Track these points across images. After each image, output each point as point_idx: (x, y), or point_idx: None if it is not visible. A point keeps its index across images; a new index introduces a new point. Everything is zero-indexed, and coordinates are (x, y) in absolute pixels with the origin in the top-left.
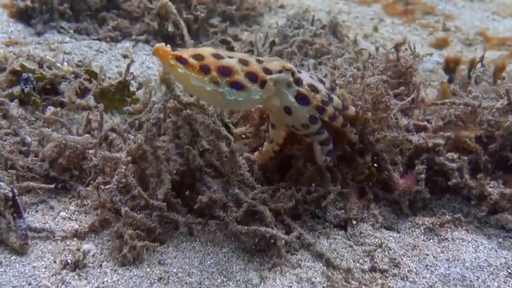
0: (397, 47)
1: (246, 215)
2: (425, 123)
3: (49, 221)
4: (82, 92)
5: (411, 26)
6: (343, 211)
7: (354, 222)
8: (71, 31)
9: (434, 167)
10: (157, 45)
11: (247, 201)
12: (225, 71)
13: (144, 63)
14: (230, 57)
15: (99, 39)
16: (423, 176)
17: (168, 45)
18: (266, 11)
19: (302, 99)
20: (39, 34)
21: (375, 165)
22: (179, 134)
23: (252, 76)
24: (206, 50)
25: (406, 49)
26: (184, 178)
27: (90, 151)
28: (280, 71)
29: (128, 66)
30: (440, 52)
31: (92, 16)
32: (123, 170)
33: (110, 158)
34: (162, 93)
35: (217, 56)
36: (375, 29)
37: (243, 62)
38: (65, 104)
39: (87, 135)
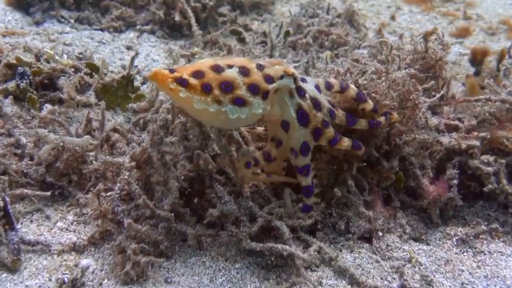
0: (426, 36)
1: (260, 231)
2: (457, 122)
3: (44, 233)
4: (83, 88)
5: (430, 14)
6: (368, 221)
7: (380, 233)
8: (72, 21)
9: (467, 171)
10: (155, 69)
11: (262, 215)
12: (227, 87)
13: (149, 55)
14: (230, 67)
15: (101, 29)
16: (455, 182)
17: (166, 69)
18: None
19: (303, 117)
20: (38, 23)
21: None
22: (188, 136)
23: (254, 89)
24: (205, 64)
25: (435, 39)
26: (193, 184)
27: (91, 154)
28: (281, 77)
29: (132, 59)
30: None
31: (94, 5)
32: (126, 177)
33: (112, 163)
34: None
35: (217, 70)
36: (393, 17)
37: (244, 72)
38: (64, 101)
39: (87, 136)
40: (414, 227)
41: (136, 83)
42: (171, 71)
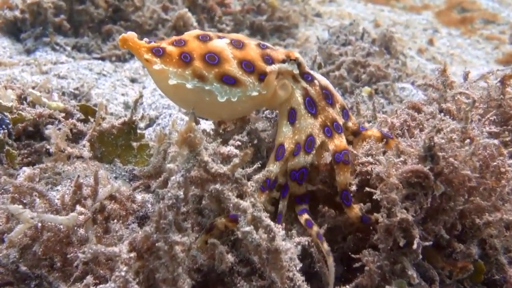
0: (504, 80)
1: None
2: None
3: None
4: (76, 136)
5: (472, 38)
6: None
7: None
8: (69, 48)
9: None
10: (125, 34)
11: None
12: (212, 60)
13: (156, 89)
14: (220, 38)
15: (102, 58)
16: None
17: (146, 39)
18: (301, 21)
19: (310, 104)
20: (29, 52)
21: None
22: (203, 210)
23: (247, 65)
24: (191, 34)
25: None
26: (209, 274)
27: (80, 231)
28: (283, 61)
29: (136, 103)
30: None
31: (94, 30)
32: (123, 274)
33: (104, 254)
34: (183, 158)
35: (203, 38)
36: (430, 42)
37: (236, 44)
38: (51, 154)
39: (73, 214)
40: None
41: (141, 125)
42: (150, 42)
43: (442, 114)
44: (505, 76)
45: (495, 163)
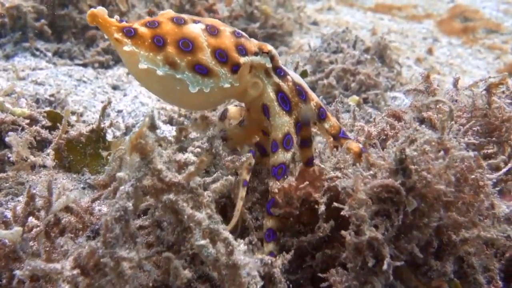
0: (490, 88)
1: None
2: None
3: None
4: (43, 143)
5: (473, 47)
6: None
7: None
8: (50, 54)
9: None
10: (94, 10)
11: None
12: (186, 46)
13: (137, 97)
14: (195, 22)
15: (84, 65)
16: None
17: (116, 17)
18: (296, 29)
19: (284, 101)
20: (8, 57)
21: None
22: (161, 223)
23: (221, 55)
24: (165, 15)
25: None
26: None
27: (34, 245)
28: (255, 54)
29: (104, 110)
30: None
31: (78, 35)
32: None
33: (45, 271)
34: (133, 166)
35: (178, 21)
36: (430, 51)
37: (211, 31)
38: (14, 163)
39: (17, 228)
40: None
41: (117, 134)
42: (122, 21)
43: (418, 124)
44: (491, 84)
45: (473, 176)
